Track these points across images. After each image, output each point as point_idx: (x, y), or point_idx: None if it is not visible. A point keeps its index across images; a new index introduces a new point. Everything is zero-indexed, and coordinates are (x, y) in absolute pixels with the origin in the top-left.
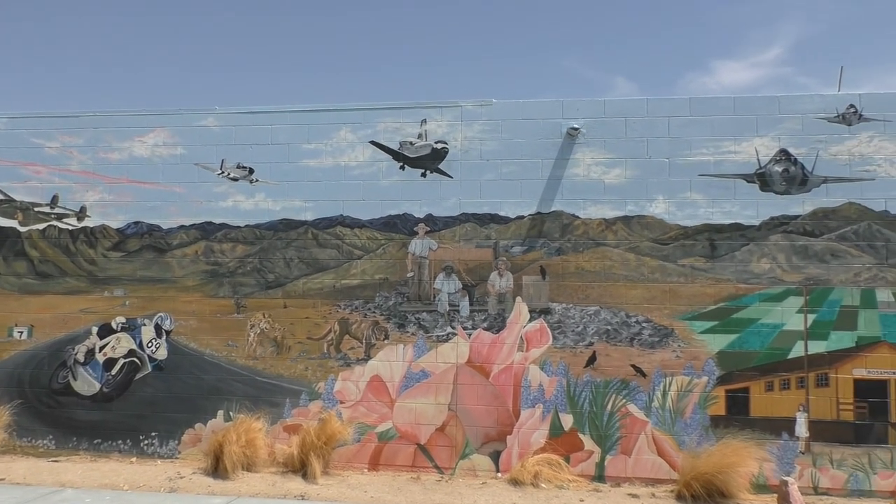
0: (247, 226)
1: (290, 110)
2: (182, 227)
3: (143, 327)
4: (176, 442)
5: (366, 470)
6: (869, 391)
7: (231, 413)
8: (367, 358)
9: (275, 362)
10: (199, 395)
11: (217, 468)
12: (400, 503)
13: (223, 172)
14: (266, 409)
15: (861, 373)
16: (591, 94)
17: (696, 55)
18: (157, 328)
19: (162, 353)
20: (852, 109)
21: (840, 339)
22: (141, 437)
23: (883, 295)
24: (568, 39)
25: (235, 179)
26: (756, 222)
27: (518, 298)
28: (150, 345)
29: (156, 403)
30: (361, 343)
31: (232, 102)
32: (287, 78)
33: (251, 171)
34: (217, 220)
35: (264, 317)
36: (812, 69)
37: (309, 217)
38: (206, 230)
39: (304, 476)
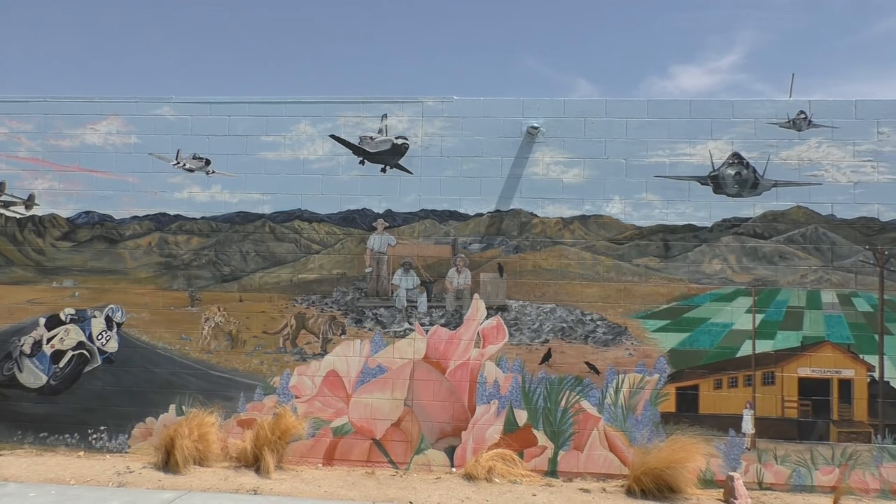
0: (202, 218)
1: (248, 101)
2: (135, 217)
3: (93, 319)
4: (126, 436)
5: (320, 465)
6: (812, 390)
7: (184, 407)
8: (324, 353)
9: (229, 356)
10: (151, 389)
11: (168, 463)
12: (354, 498)
13: (179, 163)
14: (220, 404)
15: (805, 371)
16: (553, 95)
17: (656, 59)
18: (108, 320)
19: (112, 346)
20: (802, 115)
21: (786, 339)
22: (89, 431)
23: (828, 296)
24: (531, 40)
25: (191, 170)
26: (708, 224)
27: (476, 295)
28: (100, 337)
29: (105, 397)
30: (318, 338)
31: (189, 92)
32: (246, 70)
33: (208, 162)
34: (172, 212)
35: (219, 310)
36: (767, 76)
37: (266, 210)
38: (161, 221)
39: (258, 471)
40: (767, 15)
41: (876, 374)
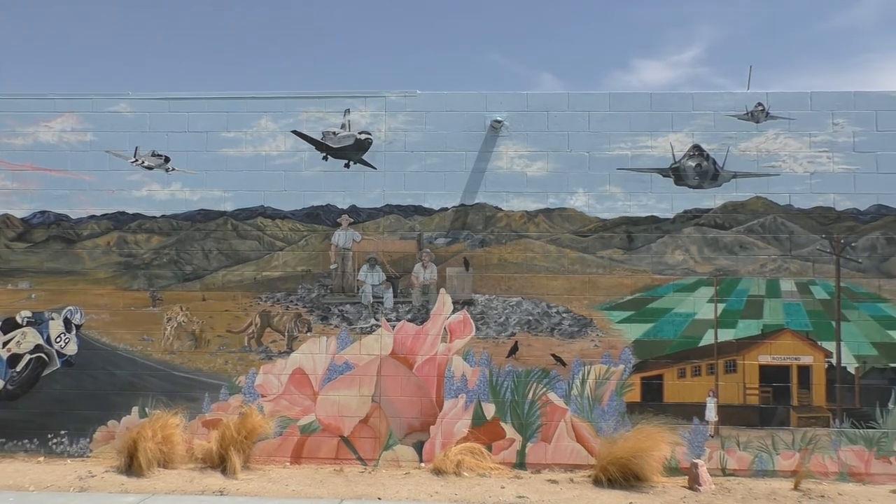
0: (163, 216)
1: (208, 97)
2: (93, 217)
3: (50, 321)
4: (87, 440)
5: (288, 463)
6: (773, 376)
7: (147, 409)
8: (290, 351)
9: (193, 356)
10: (113, 392)
11: (131, 466)
12: (322, 496)
13: (137, 160)
14: (184, 405)
15: (766, 359)
16: (518, 90)
17: (619, 54)
18: (67, 322)
19: (72, 349)
20: (760, 107)
21: (747, 327)
22: (49, 436)
23: (786, 285)
24: (495, 34)
25: (150, 168)
26: (671, 215)
27: (442, 290)
28: (58, 340)
29: (65, 401)
30: (283, 336)
31: (146, 89)
32: (204, 67)
33: (167, 159)
34: (131, 210)
35: (182, 310)
36: (727, 70)
37: (228, 207)
38: (119, 220)
39: (224, 471)
40: (726, 9)
41: (833, 360)
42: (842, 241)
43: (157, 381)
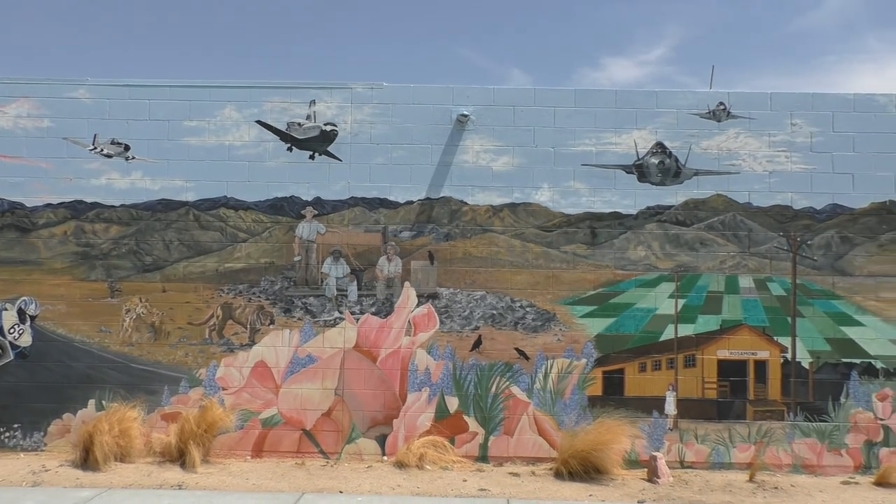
0: (122, 205)
1: (170, 85)
2: (49, 205)
3: (3, 312)
4: (42, 434)
5: (249, 457)
6: (731, 371)
7: (104, 402)
8: (252, 343)
9: (152, 349)
10: (68, 384)
11: (87, 460)
12: (283, 489)
13: (96, 148)
14: (142, 398)
15: (724, 354)
16: (487, 84)
17: (588, 51)
18: (21, 313)
19: (26, 340)
20: (721, 106)
21: (706, 323)
22: (2, 430)
23: (745, 281)
24: (465, 28)
25: (110, 156)
26: (633, 211)
27: (406, 283)
28: (12, 331)
29: (19, 393)
30: (246, 328)
31: (106, 76)
32: (166, 54)
33: (127, 147)
34: (89, 199)
35: (141, 301)
36: (693, 69)
37: (190, 198)
38: (77, 209)
39: (183, 465)
40: (693, 9)
41: (789, 355)
42: (798, 239)
43: (115, 374)
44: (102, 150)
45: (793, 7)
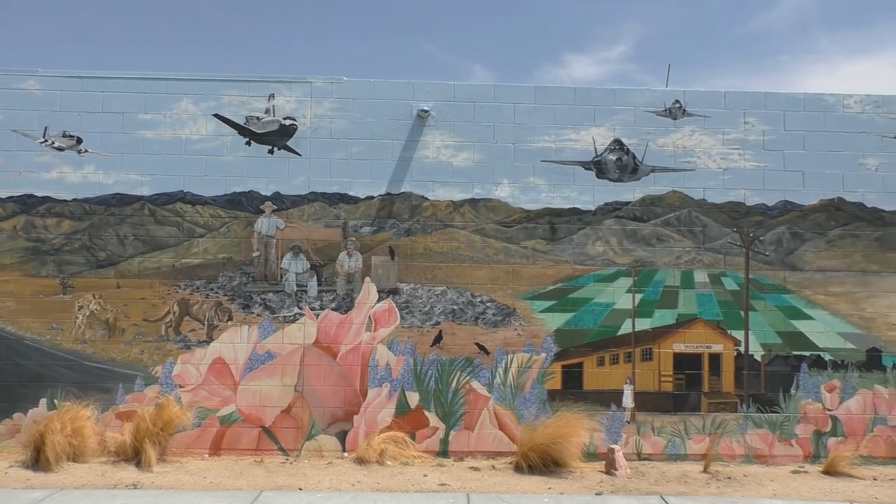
0: (74, 200)
1: (124, 77)
2: None
3: None
4: None
5: (207, 455)
6: (686, 364)
7: (56, 401)
8: (210, 340)
9: (106, 346)
10: (19, 383)
11: (38, 460)
12: (241, 487)
13: (47, 141)
14: (96, 396)
15: (680, 347)
16: (450, 80)
17: (550, 48)
18: None
19: None
20: (677, 105)
21: (663, 317)
22: None
23: (700, 276)
24: (429, 24)
25: (61, 149)
26: (592, 207)
27: (367, 279)
28: None
29: None
30: (203, 324)
31: (57, 67)
32: (121, 47)
33: (79, 140)
34: (39, 193)
35: (94, 297)
36: (653, 67)
37: (146, 192)
38: (27, 203)
39: (138, 464)
40: (652, 7)
41: (742, 348)
42: (751, 234)
43: (68, 372)
44: (53, 142)
45: (748, 8)
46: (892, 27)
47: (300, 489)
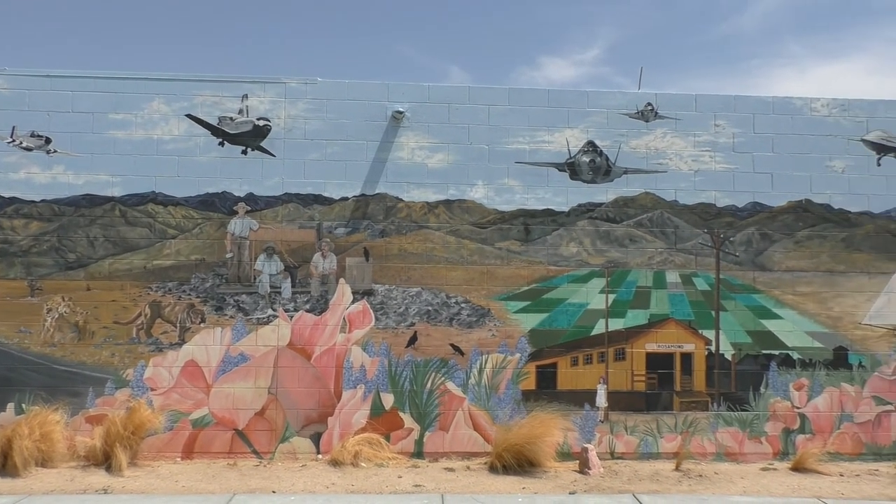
0: (43, 201)
1: (94, 76)
2: None
3: None
4: None
5: (179, 459)
6: (658, 363)
7: (24, 405)
8: (182, 342)
9: (76, 349)
10: None
11: (5, 465)
12: (214, 491)
13: (14, 141)
14: (66, 400)
15: (652, 347)
16: (426, 81)
17: (526, 50)
18: None
19: None
20: (650, 107)
21: (636, 317)
22: None
23: (672, 276)
24: (406, 25)
25: (29, 149)
26: (566, 208)
27: (341, 280)
28: None
29: None
30: (175, 327)
31: (25, 65)
32: (92, 47)
33: (48, 140)
34: (7, 194)
35: (64, 300)
36: (627, 70)
37: (117, 193)
38: None
39: (109, 469)
40: (626, 10)
41: (713, 348)
42: (721, 235)
43: (36, 376)
44: (22, 142)
45: (720, 12)
46: (860, 32)
47: (273, 492)
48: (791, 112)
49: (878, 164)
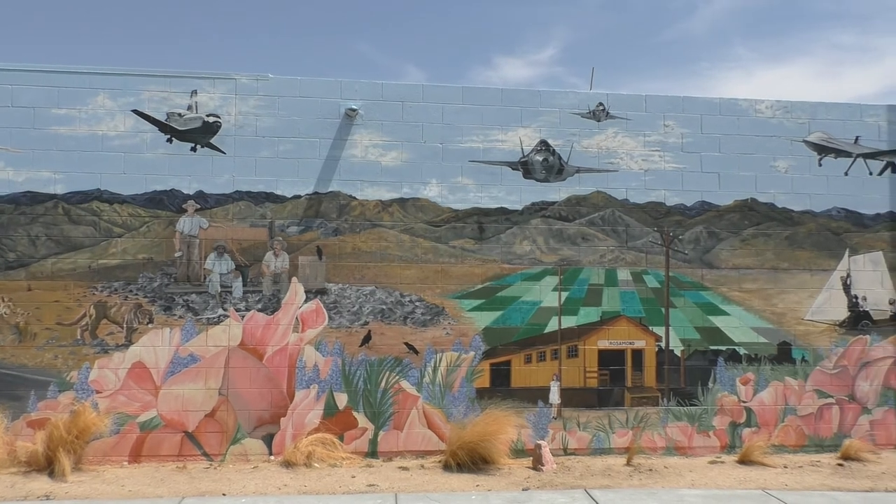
0: None
1: (34, 70)
2: None
3: None
4: None
5: (126, 463)
6: (610, 360)
7: None
8: (129, 343)
9: (17, 351)
10: None
11: None
12: (162, 495)
13: None
14: (6, 404)
15: (604, 344)
16: (381, 79)
17: (481, 49)
18: None
19: None
20: (601, 107)
21: (588, 314)
22: None
23: (623, 274)
24: (363, 23)
25: None
26: (519, 207)
27: (294, 279)
28: None
29: None
30: (122, 327)
31: None
32: (35, 40)
33: None
34: None
35: (3, 301)
36: (581, 70)
37: (59, 190)
38: None
39: (52, 474)
40: (580, 12)
41: (663, 344)
42: (670, 234)
43: None
44: None
45: (669, 15)
46: (804, 37)
47: (224, 495)
48: (737, 113)
49: (819, 165)
